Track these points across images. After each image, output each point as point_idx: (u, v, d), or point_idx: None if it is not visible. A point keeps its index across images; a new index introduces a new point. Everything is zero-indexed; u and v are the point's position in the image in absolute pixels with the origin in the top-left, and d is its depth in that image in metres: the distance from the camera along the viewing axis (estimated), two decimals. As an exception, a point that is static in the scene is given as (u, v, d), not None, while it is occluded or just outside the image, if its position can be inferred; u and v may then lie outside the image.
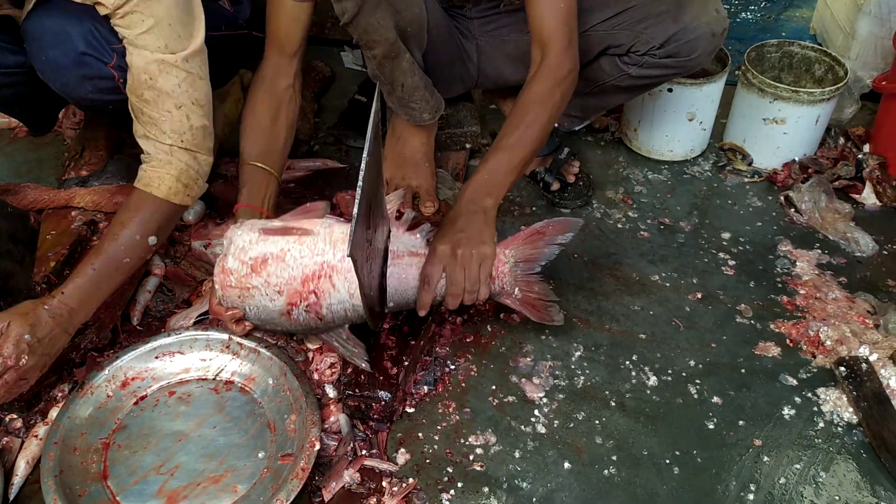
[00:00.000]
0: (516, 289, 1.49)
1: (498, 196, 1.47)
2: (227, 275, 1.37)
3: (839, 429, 1.44)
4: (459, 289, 1.39)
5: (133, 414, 1.43)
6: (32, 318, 1.29)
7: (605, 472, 1.38)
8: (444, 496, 1.33)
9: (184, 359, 1.50)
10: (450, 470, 1.38)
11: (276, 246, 1.36)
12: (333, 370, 1.50)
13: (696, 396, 1.50)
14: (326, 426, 1.42)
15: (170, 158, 1.44)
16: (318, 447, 1.32)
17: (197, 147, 1.46)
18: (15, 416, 1.42)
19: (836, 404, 1.48)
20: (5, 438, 1.39)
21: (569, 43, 1.53)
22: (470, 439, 1.42)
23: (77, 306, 1.35)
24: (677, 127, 2.05)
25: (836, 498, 1.33)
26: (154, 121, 1.43)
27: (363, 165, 1.17)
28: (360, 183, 1.16)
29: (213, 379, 1.49)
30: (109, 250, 1.39)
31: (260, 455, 1.36)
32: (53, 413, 1.41)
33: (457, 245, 1.38)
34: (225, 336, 1.50)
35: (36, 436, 1.39)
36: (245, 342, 1.49)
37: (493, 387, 1.52)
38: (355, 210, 1.16)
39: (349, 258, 1.16)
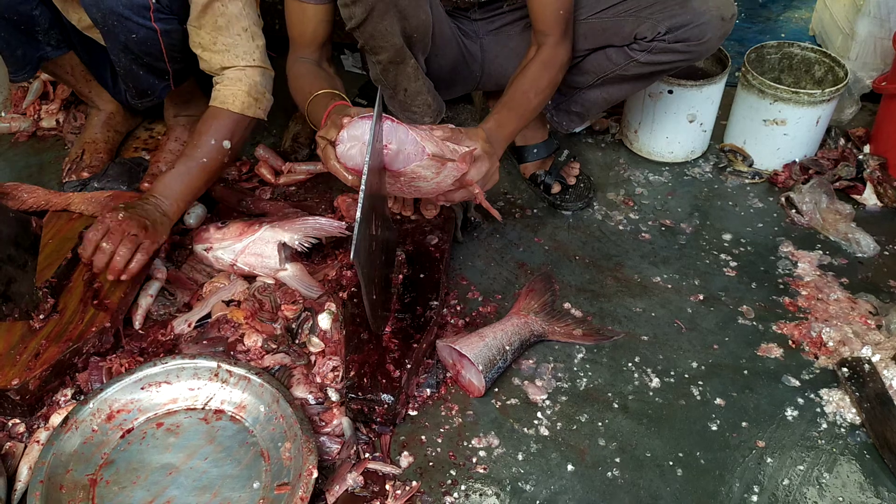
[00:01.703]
0: (554, 328, 1.61)
1: (502, 150, 1.57)
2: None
3: (842, 430, 1.44)
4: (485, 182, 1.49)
5: (120, 448, 1.38)
6: (138, 204, 1.60)
7: (609, 474, 1.38)
8: (448, 499, 1.33)
9: (171, 389, 1.45)
10: (453, 473, 1.37)
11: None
12: (336, 373, 1.50)
13: (698, 398, 1.50)
14: (329, 429, 1.42)
15: (241, 76, 1.63)
16: (315, 475, 1.27)
17: (263, 63, 1.66)
18: (18, 421, 1.42)
19: (839, 405, 1.48)
20: (8, 443, 1.39)
21: (564, 34, 1.64)
22: (473, 442, 1.42)
23: (162, 195, 1.62)
24: (678, 128, 2.05)
25: (840, 499, 1.33)
26: (228, 47, 1.61)
27: (365, 169, 1.17)
28: (362, 186, 1.16)
29: (203, 408, 1.44)
30: (187, 151, 1.64)
31: (255, 485, 1.32)
32: (55, 419, 1.41)
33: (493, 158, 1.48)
34: (213, 364, 1.45)
35: (38, 441, 1.38)
36: (234, 369, 1.45)
37: (496, 389, 1.52)
38: (358, 213, 1.16)
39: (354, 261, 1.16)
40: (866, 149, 2.06)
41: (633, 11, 1.65)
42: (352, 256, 1.17)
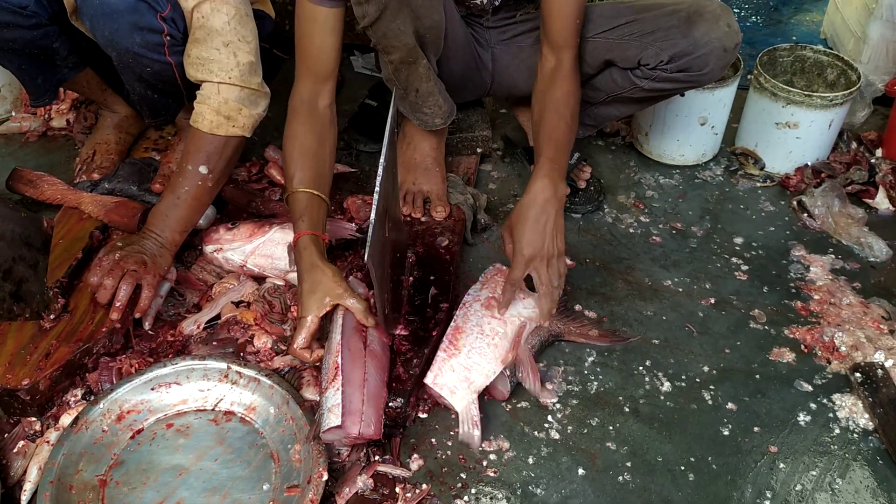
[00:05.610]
0: (570, 328, 1.60)
1: (564, 184, 1.55)
2: None
3: (855, 435, 1.44)
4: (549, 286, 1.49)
5: (130, 448, 1.38)
6: (136, 240, 1.58)
7: (620, 478, 1.37)
8: (458, 502, 1.33)
9: (181, 389, 1.45)
10: (463, 476, 1.37)
11: None
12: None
13: (710, 402, 1.50)
14: (339, 432, 1.42)
15: (211, 93, 1.54)
16: (325, 478, 1.27)
17: (244, 82, 1.55)
18: (34, 419, 1.42)
19: (852, 410, 1.47)
20: (21, 442, 1.38)
21: (576, 48, 1.62)
22: (483, 445, 1.42)
23: (157, 229, 1.58)
24: (689, 131, 2.05)
25: (853, 505, 1.33)
26: (203, 61, 1.53)
27: (380, 171, 1.17)
28: (377, 188, 1.16)
29: (213, 409, 1.44)
30: (172, 180, 1.60)
31: (265, 487, 1.32)
32: (66, 419, 1.41)
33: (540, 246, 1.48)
34: (223, 365, 1.45)
35: (48, 441, 1.38)
36: (244, 371, 1.45)
37: (506, 392, 1.51)
38: (373, 215, 1.16)
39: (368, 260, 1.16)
40: (878, 152, 2.06)
41: (636, 36, 1.63)
42: (366, 258, 1.16)
